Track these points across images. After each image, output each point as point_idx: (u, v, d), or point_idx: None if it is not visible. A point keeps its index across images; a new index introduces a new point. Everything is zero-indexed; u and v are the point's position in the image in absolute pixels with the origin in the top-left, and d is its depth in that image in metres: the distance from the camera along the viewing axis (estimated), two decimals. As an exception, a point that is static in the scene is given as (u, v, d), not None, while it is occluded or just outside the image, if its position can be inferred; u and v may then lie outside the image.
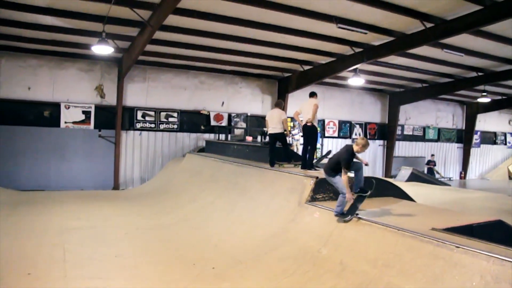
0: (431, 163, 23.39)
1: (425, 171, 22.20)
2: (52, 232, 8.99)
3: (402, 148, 24.49)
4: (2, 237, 8.29)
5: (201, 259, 7.38)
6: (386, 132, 23.53)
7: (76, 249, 7.83)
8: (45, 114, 15.28)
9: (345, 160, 6.55)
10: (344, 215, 6.72)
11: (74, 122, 15.68)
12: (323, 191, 8.05)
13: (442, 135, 26.11)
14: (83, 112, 15.81)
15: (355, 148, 6.62)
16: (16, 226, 9.33)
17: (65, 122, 15.55)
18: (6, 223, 9.48)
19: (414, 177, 17.83)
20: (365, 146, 6.65)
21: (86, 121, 15.87)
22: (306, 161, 9.83)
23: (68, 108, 15.52)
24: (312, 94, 10.24)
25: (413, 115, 24.78)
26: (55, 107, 15.41)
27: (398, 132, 23.84)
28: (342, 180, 6.74)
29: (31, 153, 15.00)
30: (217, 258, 7.19)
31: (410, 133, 24.85)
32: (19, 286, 5.97)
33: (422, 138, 25.38)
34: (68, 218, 10.32)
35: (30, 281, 6.16)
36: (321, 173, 7.95)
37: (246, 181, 10.45)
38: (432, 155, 24.22)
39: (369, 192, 6.85)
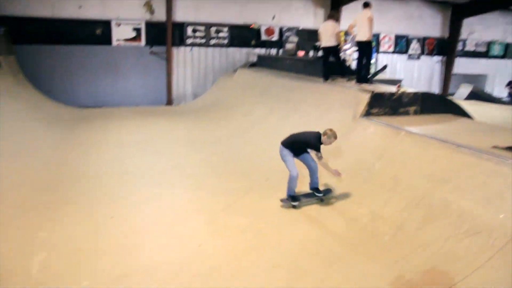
0: None
1: (506, 95, 20.61)
2: (112, 145, 9.53)
3: (462, 65, 22.97)
4: (68, 151, 8.90)
5: (256, 171, 7.64)
6: (446, 48, 22.02)
7: (136, 161, 8.30)
8: (97, 32, 15.39)
9: (316, 146, 5.91)
10: (293, 198, 6.22)
11: (125, 40, 15.79)
12: (378, 105, 7.86)
13: (510, 51, 24.06)
14: (134, 29, 15.81)
15: (322, 137, 5.94)
16: (79, 140, 9.94)
17: (117, 40, 15.68)
18: (70, 137, 10.13)
19: (474, 96, 16.92)
20: (330, 138, 5.94)
21: (137, 38, 15.91)
22: (361, 75, 9.52)
23: (119, 25, 15.55)
24: (366, 5, 9.55)
25: (478, 29, 22.85)
26: (106, 25, 15.44)
27: (459, 47, 22.28)
28: (292, 161, 6.17)
29: (86, 71, 15.40)
30: (271, 171, 7.39)
31: (473, 49, 23.12)
32: (90, 195, 6.51)
33: (485, 55, 23.60)
34: (126, 133, 10.87)
35: (99, 189, 6.70)
36: (376, 87, 7.69)
37: (299, 95, 10.33)
38: None
39: (321, 194, 6.33)
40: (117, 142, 9.87)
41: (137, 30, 15.81)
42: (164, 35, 16.10)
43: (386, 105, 7.82)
